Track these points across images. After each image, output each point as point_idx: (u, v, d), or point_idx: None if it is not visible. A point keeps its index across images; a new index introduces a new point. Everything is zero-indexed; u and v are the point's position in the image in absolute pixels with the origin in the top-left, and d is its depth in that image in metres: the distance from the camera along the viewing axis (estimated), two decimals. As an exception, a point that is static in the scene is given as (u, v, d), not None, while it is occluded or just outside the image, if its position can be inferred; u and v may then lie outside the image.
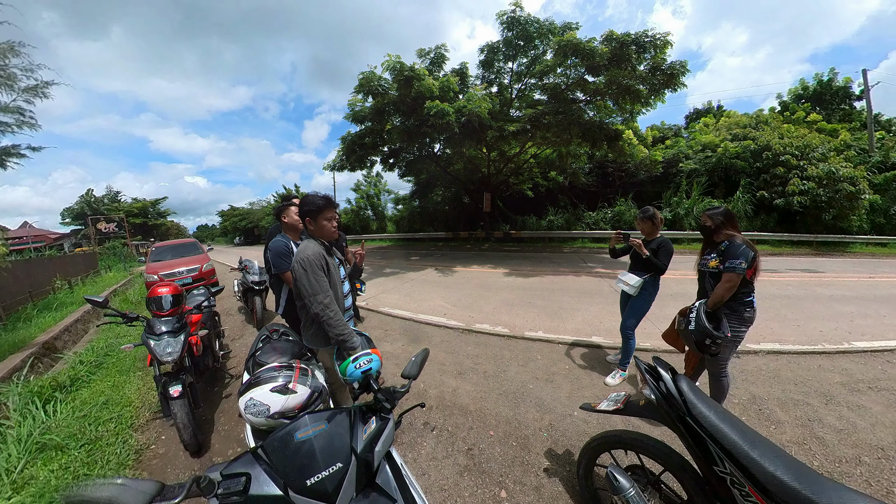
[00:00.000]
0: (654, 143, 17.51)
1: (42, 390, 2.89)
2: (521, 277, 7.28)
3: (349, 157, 13.67)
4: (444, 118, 9.23)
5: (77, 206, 31.93)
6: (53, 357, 4.16)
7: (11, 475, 1.99)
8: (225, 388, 3.12)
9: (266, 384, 1.36)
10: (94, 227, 21.12)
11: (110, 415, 2.67)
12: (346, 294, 1.94)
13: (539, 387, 2.77)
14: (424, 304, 5.40)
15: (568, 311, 4.65)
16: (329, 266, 1.71)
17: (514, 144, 13.66)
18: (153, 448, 2.35)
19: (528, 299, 5.38)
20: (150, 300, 2.49)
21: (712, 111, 23.68)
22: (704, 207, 12.80)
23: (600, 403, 1.54)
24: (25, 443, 2.24)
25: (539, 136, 11.83)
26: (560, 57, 9.72)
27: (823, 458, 1.93)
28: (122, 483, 0.70)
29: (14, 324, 5.22)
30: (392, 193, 26.62)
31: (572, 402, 2.51)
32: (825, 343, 3.38)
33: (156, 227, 34.97)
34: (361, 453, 0.99)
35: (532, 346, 3.60)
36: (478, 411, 2.49)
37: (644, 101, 9.80)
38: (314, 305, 1.59)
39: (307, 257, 1.61)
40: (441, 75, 11.59)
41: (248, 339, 4.40)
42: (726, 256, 1.96)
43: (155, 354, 2.26)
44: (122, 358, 3.86)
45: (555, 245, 13.61)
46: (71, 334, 5.06)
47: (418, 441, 2.22)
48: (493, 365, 3.21)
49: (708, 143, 15.14)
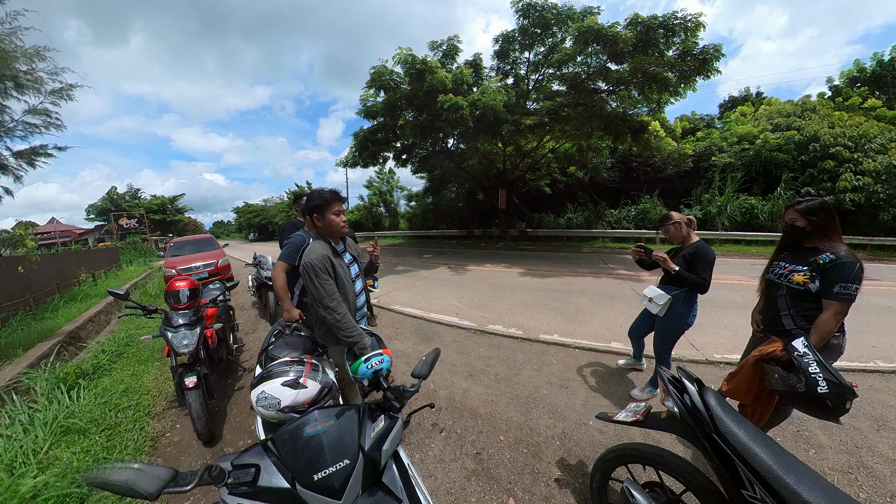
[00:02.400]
0: (683, 135, 16.68)
1: (67, 377, 3.12)
2: (537, 278, 7.19)
3: (362, 153, 13.87)
4: (458, 112, 9.19)
5: (101, 203, 33.89)
6: (78, 346, 4.45)
7: (38, 455, 2.16)
8: (238, 380, 3.26)
9: (277, 378, 1.40)
10: (116, 222, 22.37)
11: (129, 402, 2.86)
12: (358, 293, 1.93)
13: (553, 392, 2.73)
14: (436, 303, 5.42)
15: (586, 315, 4.56)
16: (335, 267, 1.71)
17: (531, 138, 13.46)
18: (168, 436, 2.50)
19: (544, 301, 5.30)
20: (169, 293, 2.63)
21: (750, 98, 22.11)
22: (740, 205, 12.29)
23: (618, 414, 1.49)
24: (51, 426, 2.43)
25: (557, 129, 11.63)
26: (580, 44, 9.41)
27: (872, 491, 1.77)
28: (138, 468, 0.75)
29: (42, 314, 5.63)
30: (405, 190, 26.83)
31: (588, 411, 2.46)
32: (879, 360, 3.14)
33: (174, 223, 36.76)
34: (369, 451, 1.00)
35: (547, 349, 3.55)
36: (488, 415, 2.48)
37: (672, 90, 9.38)
38: (321, 309, 1.63)
39: (311, 262, 1.62)
40: (454, 68, 11.55)
41: (261, 333, 4.55)
42: (833, 277, 1.49)
43: (172, 346, 2.39)
44: (141, 348, 4.10)
45: (573, 244, 13.34)
46: (94, 325, 5.40)
47: (426, 442, 2.23)
48: (505, 367, 3.19)
49: (745, 134, 14.26)
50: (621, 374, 2.98)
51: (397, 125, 12.05)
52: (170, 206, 37.30)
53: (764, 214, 12.02)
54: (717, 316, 4.29)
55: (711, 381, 2.71)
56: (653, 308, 2.38)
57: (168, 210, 36.87)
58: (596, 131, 11.04)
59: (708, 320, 4.06)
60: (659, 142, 12.09)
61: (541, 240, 14.69)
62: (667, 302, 2.30)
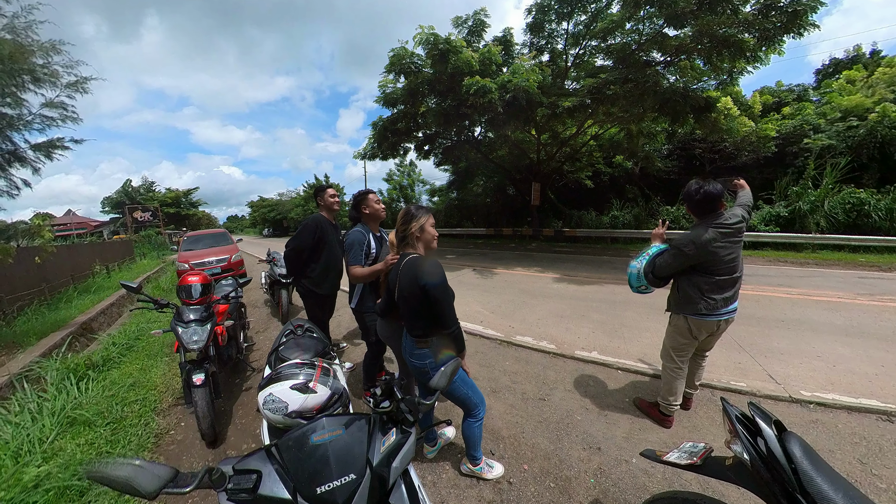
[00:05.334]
0: (764, 112, 14.99)
1: (77, 368, 3.44)
2: (575, 284, 6.99)
3: (381, 144, 14.14)
4: (486, 96, 9.08)
5: (116, 196, 36.93)
6: (89, 337, 4.89)
7: (43, 445, 2.40)
8: (246, 380, 3.44)
9: (286, 381, 1.45)
10: (130, 215, 24.30)
11: (136, 396, 3.11)
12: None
13: (589, 419, 2.62)
14: (459, 308, 5.33)
15: (633, 330, 4.35)
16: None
17: (570, 124, 13.05)
18: (172, 434, 2.68)
19: (583, 311, 5.14)
20: (181, 288, 2.84)
21: (861, 59, 18.78)
22: (843, 200, 10.51)
23: (669, 453, 1.37)
24: (58, 415, 2.69)
25: (602, 111, 11.08)
26: (630, 8, 8.86)
27: None
28: (139, 465, 0.79)
29: (57, 304, 6.26)
30: (427, 184, 27.16)
31: (631, 446, 2.32)
32: None
33: (188, 216, 39.40)
34: (377, 467, 1.00)
35: (584, 368, 3.43)
36: (511, 438, 2.43)
37: (750, 56, 8.31)
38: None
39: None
40: (481, 46, 11.36)
41: (272, 332, 4.76)
42: None
43: (182, 341, 2.57)
44: (151, 342, 4.44)
45: (619, 247, 12.81)
46: (106, 317, 5.91)
47: (440, 463, 2.22)
48: (533, 386, 3.12)
49: (853, 107, 12.49)
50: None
51: (419, 113, 12.16)
52: (184, 200, 40.10)
53: (879, 212, 10.20)
54: (808, 341, 3.81)
55: (796, 426, 2.45)
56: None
57: (182, 204, 39.63)
58: (649, 112, 10.31)
59: (794, 346, 3.68)
60: (731, 122, 10.88)
61: (580, 241, 14.30)
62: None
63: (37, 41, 5.64)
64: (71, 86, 6.32)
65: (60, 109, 6.41)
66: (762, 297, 5.48)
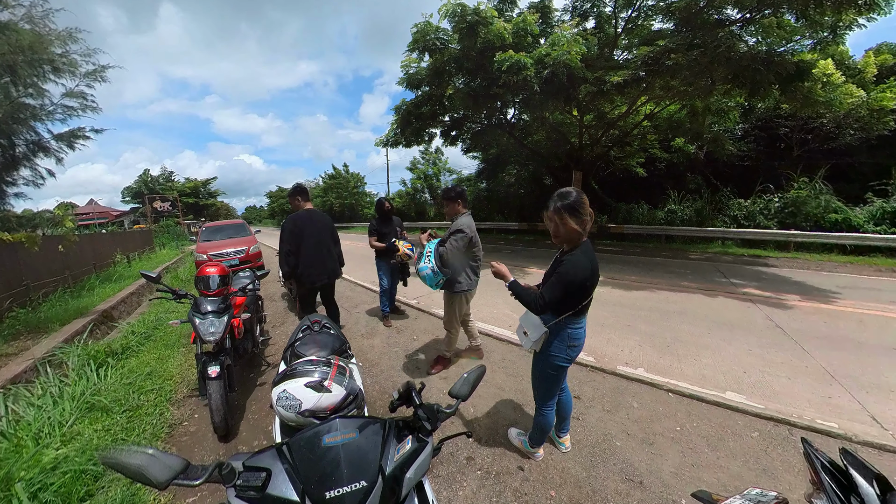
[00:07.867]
0: (879, 77, 12.57)
1: (97, 355, 3.81)
2: (621, 289, 6.75)
3: (404, 130, 14.27)
4: (520, 73, 8.81)
5: (135, 186, 39.93)
6: (109, 325, 5.38)
7: (62, 428, 2.68)
8: (260, 375, 3.69)
9: (301, 378, 1.52)
10: (150, 205, 26.22)
11: (152, 386, 3.43)
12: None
13: (631, 447, 2.52)
14: (486, 310, 5.38)
15: (689, 347, 4.14)
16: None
17: (620, 102, 12.32)
18: (185, 425, 2.93)
19: (628, 321, 4.97)
20: (199, 279, 3.06)
21: None
22: None
23: (730, 499, 1.23)
24: (78, 400, 3.00)
25: (659, 85, 10.24)
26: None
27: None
28: (152, 454, 0.86)
29: (80, 292, 6.91)
30: (454, 173, 27.16)
31: (680, 484, 2.19)
32: None
33: (206, 206, 41.96)
34: (390, 475, 1.02)
35: (627, 387, 3.31)
36: (539, 459, 2.41)
37: (863, 4, 6.91)
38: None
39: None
40: (515, 15, 11.04)
41: (288, 327, 5.02)
42: None
43: (199, 332, 2.77)
44: (168, 332, 4.84)
45: (676, 247, 12.21)
46: (126, 305, 6.48)
47: (458, 478, 2.23)
48: (568, 401, 3.07)
49: None
50: (743, 439, 2.59)
51: (445, 95, 12.10)
52: (202, 190, 42.74)
53: None
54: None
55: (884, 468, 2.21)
56: (526, 345, 2.20)
57: (201, 193, 42.23)
58: (719, 84, 9.26)
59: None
60: (831, 92, 9.14)
61: (628, 238, 13.84)
62: (540, 336, 2.08)
63: (54, 30, 6.21)
64: (89, 75, 6.93)
65: (80, 99, 7.04)
66: (867, 317, 4.96)
